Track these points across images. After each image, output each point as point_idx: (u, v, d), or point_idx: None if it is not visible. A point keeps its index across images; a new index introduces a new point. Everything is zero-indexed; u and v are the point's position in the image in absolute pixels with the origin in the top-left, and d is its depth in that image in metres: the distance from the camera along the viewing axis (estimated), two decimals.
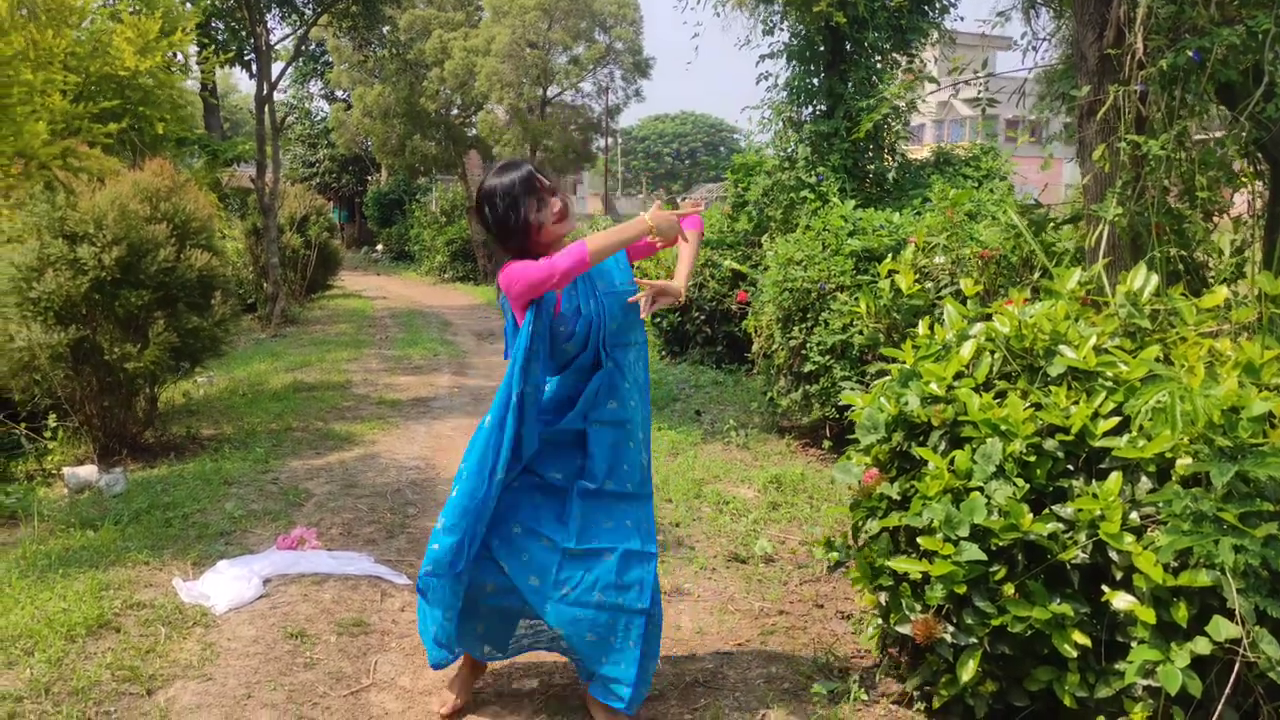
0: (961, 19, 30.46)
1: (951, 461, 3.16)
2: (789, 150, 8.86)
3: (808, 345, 6.89)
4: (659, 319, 11.62)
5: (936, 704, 3.23)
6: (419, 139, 25.31)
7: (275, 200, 16.35)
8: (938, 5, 8.61)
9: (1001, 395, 3.25)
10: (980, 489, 3.07)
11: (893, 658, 3.55)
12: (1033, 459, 3.04)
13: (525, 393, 3.10)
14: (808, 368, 6.84)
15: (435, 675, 3.54)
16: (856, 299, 5.75)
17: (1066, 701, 2.93)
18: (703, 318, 11.03)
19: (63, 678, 3.44)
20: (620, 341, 3.25)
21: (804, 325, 6.99)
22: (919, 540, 3.07)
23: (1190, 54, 3.48)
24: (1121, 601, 2.80)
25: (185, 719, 3.22)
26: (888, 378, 3.73)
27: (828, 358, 6.70)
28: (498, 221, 3.12)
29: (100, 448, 6.52)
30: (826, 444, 6.91)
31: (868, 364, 6.14)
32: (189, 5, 11.97)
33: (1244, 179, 4.10)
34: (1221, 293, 3.31)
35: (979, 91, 4.90)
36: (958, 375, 3.40)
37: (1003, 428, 3.10)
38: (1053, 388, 3.15)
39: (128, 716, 3.23)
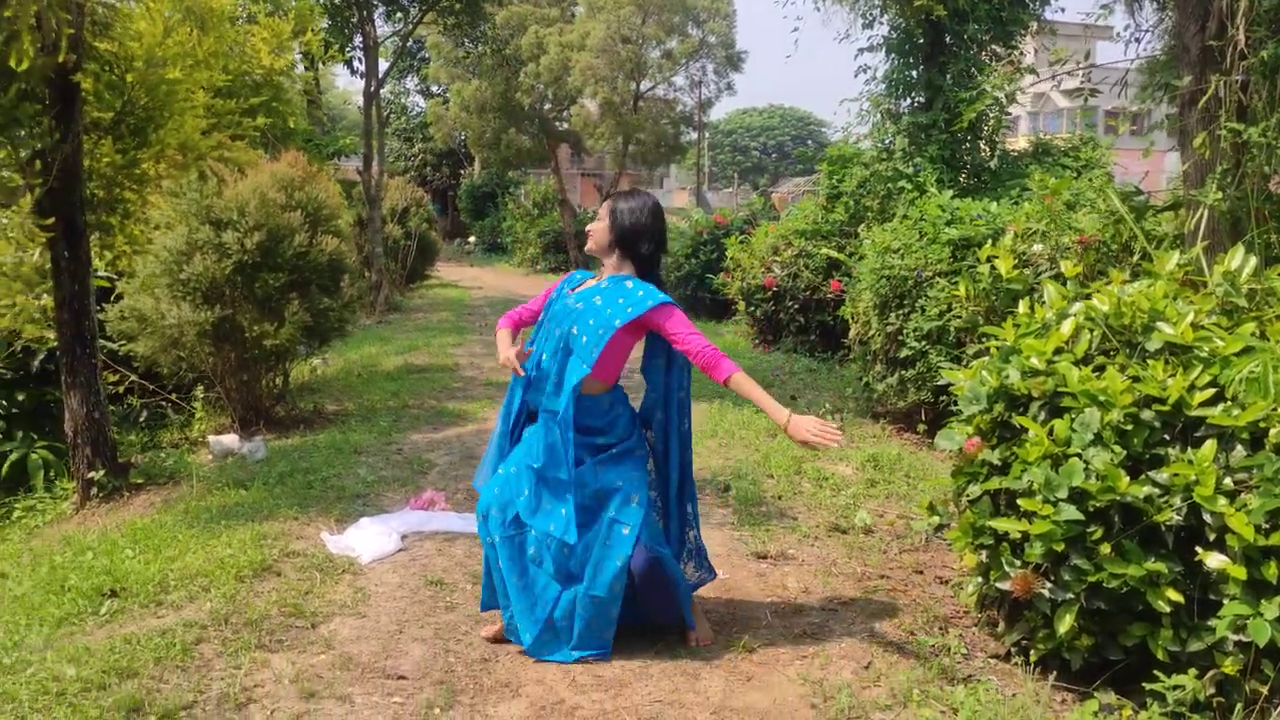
0: (1062, 10, 29.83)
1: (1050, 430, 3.38)
2: (886, 142, 9.03)
3: (904, 331, 7.08)
4: (752, 308, 11.87)
5: (1034, 657, 3.45)
6: (513, 133, 25.88)
7: (380, 192, 17.00)
8: None
9: (1100, 369, 3.45)
10: (1078, 455, 3.28)
11: (991, 616, 3.78)
12: (1130, 428, 3.24)
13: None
14: (904, 353, 7.03)
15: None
16: (955, 284, 5.93)
17: (1159, 655, 3.13)
18: (796, 307, 11.23)
19: (237, 611, 3.86)
20: (567, 351, 3.67)
21: (900, 311, 7.17)
22: (1019, 502, 3.30)
23: None
24: (1214, 560, 3.01)
25: (347, 648, 3.61)
26: (988, 356, 3.95)
27: (924, 343, 6.89)
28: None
29: (239, 419, 7.04)
30: (921, 427, 7.10)
31: (964, 347, 6.31)
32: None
33: None
34: None
35: (1081, 82, 5.06)
36: (1057, 351, 3.62)
37: (1100, 398, 3.31)
38: (1150, 362, 3.34)
39: (297, 644, 3.63)
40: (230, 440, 6.55)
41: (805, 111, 79.13)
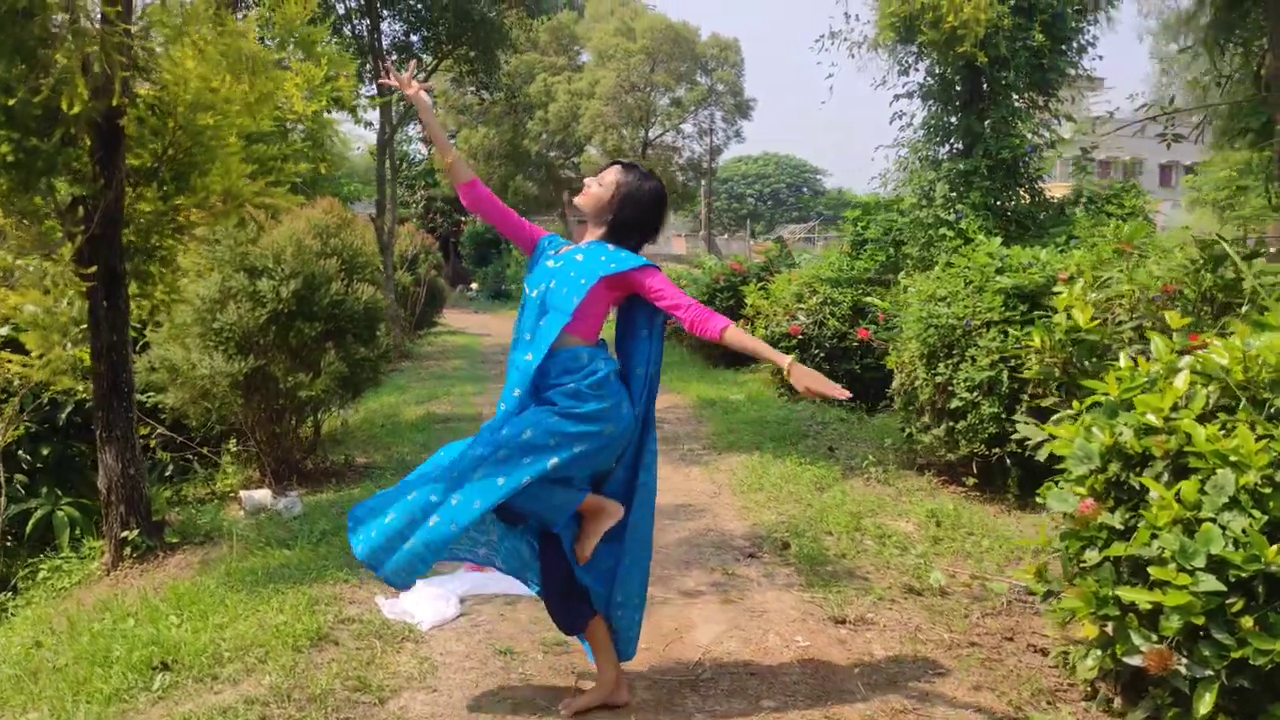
0: (1100, 58, 30.12)
1: (1177, 493, 3.18)
2: (926, 188, 8.92)
3: (954, 381, 6.89)
4: None
5: None
6: (521, 179, 25.96)
7: (393, 239, 16.89)
8: (1075, 45, 8.63)
9: (1227, 428, 3.26)
10: (1211, 519, 3.08)
11: (1106, 692, 3.55)
12: (1268, 491, 3.05)
13: None
14: (954, 404, 6.84)
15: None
16: (1028, 333, 5.72)
17: None
18: (822, 355, 11.06)
19: (299, 685, 3.62)
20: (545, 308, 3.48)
21: (950, 361, 6.99)
22: (1150, 570, 3.08)
23: None
24: None
25: None
26: (1092, 410, 3.76)
27: (975, 394, 6.70)
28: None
29: (271, 473, 6.81)
30: (970, 480, 6.89)
31: (1027, 399, 6.12)
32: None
33: None
34: None
35: (1164, 128, 4.93)
36: (1173, 407, 3.43)
37: (1232, 459, 3.11)
38: None
39: None
40: (263, 495, 6.32)
41: (800, 160, 79.80)
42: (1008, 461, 6.61)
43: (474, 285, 38.10)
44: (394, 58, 17.60)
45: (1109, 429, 3.49)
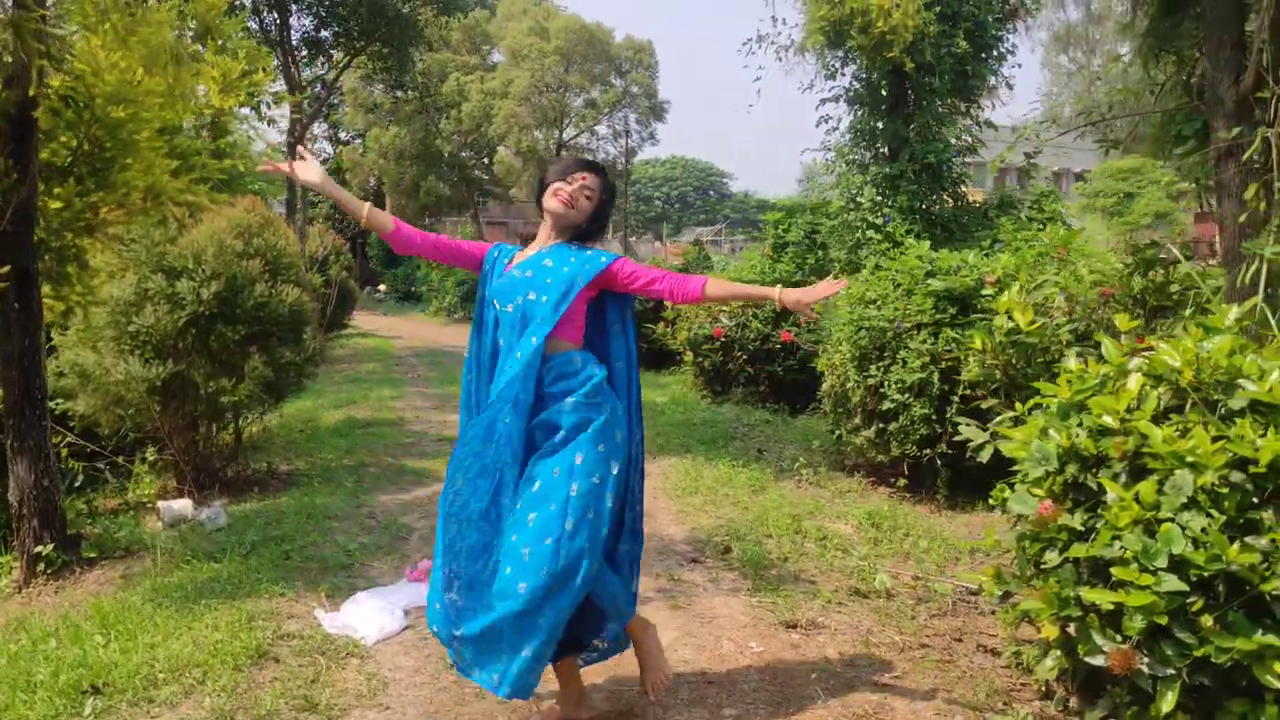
0: (1019, 66, 31.37)
1: (1136, 494, 3.23)
2: (854, 192, 9.01)
3: (885, 383, 6.97)
4: (700, 359, 11.72)
5: None
6: (433, 179, 25.54)
7: (304, 240, 16.47)
8: (995, 53, 8.82)
9: (1182, 428, 3.33)
10: (1170, 520, 3.13)
11: (1063, 692, 3.59)
12: (1225, 490, 3.11)
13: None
14: (885, 406, 6.92)
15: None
16: (969, 335, 5.76)
17: None
18: (745, 357, 11.11)
19: (243, 706, 3.45)
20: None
21: (881, 364, 7.07)
22: (1112, 571, 3.12)
23: None
24: None
25: None
26: (1037, 412, 3.81)
27: (907, 395, 6.78)
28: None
29: (191, 481, 6.53)
30: (901, 481, 6.97)
31: (957, 401, 6.22)
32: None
33: None
34: None
35: (1104, 135, 5.05)
36: (1128, 409, 3.48)
37: (1189, 459, 3.17)
38: (1238, 421, 3.23)
39: None
40: (183, 506, 6.05)
41: (706, 163, 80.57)
42: (938, 463, 6.71)
43: (382, 287, 37.45)
44: (304, 53, 17.19)
45: (1065, 431, 3.53)
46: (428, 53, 23.36)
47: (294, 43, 16.50)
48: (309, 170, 3.40)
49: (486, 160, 27.05)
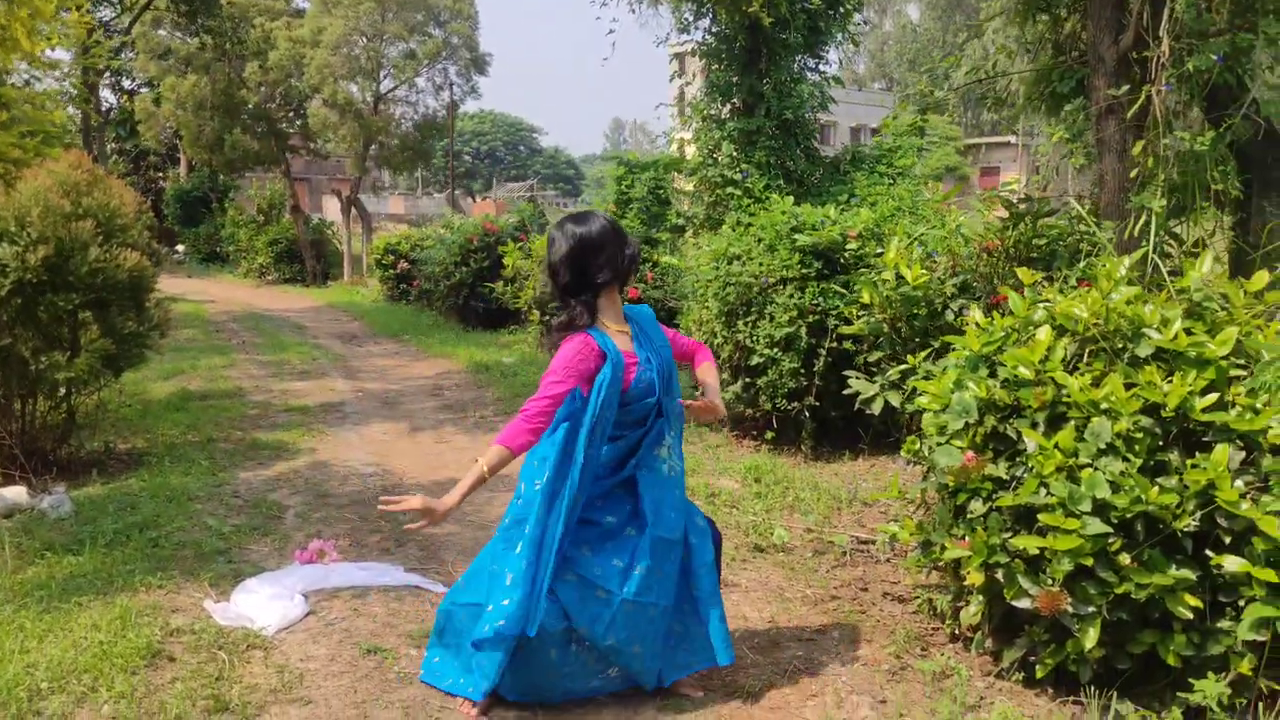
0: (868, 25, 31.98)
1: (1056, 442, 3.36)
2: (711, 147, 9.01)
3: (754, 338, 7.04)
4: (547, 318, 11.56)
5: (1039, 674, 3.40)
6: (238, 133, 24.03)
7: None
8: (844, 8, 8.95)
9: (1095, 378, 3.47)
10: (1090, 465, 3.27)
11: (981, 634, 3.72)
12: (1139, 436, 3.27)
13: (588, 459, 3.22)
14: (754, 360, 6.99)
15: None
16: (858, 289, 5.84)
17: (1171, 661, 3.18)
18: None
19: (146, 713, 3.16)
20: (670, 393, 3.40)
21: (748, 319, 7.13)
22: (1040, 517, 3.24)
23: (1215, 57, 3.82)
24: (1232, 564, 3.07)
25: None
26: (953, 364, 3.90)
27: (775, 350, 6.88)
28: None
29: (19, 466, 5.92)
30: (770, 434, 7.08)
31: (824, 355, 6.34)
32: None
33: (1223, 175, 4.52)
34: (1264, 276, 3.66)
35: (988, 95, 5.19)
36: (1041, 360, 3.61)
37: (1104, 406, 3.32)
38: (1145, 368, 3.39)
39: None
40: (16, 493, 5.48)
41: (516, 118, 79.69)
42: (805, 415, 6.85)
43: (180, 247, 35.03)
44: None
45: (982, 383, 3.63)
46: None
47: None
48: (433, 500, 3.18)
49: (294, 114, 25.67)
